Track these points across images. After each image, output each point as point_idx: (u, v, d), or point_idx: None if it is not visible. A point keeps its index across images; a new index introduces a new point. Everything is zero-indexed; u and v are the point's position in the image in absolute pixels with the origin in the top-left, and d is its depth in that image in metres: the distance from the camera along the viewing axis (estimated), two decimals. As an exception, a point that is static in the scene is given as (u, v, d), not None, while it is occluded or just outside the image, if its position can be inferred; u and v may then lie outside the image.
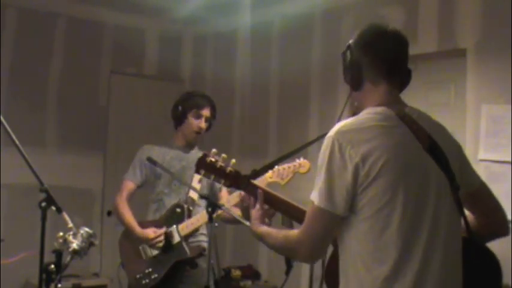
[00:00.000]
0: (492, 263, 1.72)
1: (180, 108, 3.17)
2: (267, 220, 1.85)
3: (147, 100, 5.19)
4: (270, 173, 2.61)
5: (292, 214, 1.87)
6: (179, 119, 3.19)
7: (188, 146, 3.21)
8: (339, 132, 1.55)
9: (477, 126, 3.28)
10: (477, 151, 3.23)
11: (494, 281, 1.71)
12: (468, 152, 3.09)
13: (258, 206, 1.86)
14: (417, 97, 3.30)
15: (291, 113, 4.55)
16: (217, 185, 1.96)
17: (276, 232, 1.74)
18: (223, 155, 1.94)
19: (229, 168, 1.91)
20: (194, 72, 5.51)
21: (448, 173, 1.56)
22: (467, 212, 1.68)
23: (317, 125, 4.24)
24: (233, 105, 5.09)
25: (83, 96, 4.90)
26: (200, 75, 5.42)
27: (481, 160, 3.21)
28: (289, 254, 1.76)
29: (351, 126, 1.56)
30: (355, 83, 1.68)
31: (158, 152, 3.15)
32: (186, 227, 2.99)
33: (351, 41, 1.70)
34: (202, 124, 3.15)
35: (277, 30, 4.71)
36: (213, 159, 1.91)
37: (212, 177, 1.92)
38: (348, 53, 1.69)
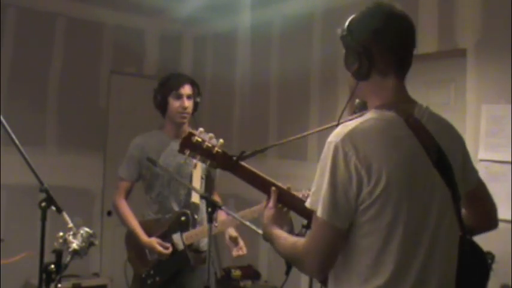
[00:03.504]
0: (482, 262, 1.71)
1: (159, 96, 3.10)
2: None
3: (147, 100, 5.15)
4: None
5: (290, 203, 1.77)
6: (162, 107, 3.11)
7: (178, 132, 3.08)
8: (344, 139, 1.43)
9: (477, 126, 3.28)
10: (477, 151, 3.23)
11: (481, 280, 1.71)
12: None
13: (270, 204, 1.75)
14: (417, 97, 3.27)
15: (291, 113, 4.55)
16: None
17: (285, 238, 1.64)
18: (210, 134, 1.85)
19: (216, 149, 1.79)
20: (194, 72, 5.51)
21: (452, 185, 1.50)
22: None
23: (317, 124, 4.23)
24: (233, 105, 5.09)
25: (82, 96, 4.90)
26: (200, 75, 5.41)
27: (481, 160, 3.21)
28: (296, 265, 1.61)
29: (357, 132, 1.44)
30: (363, 73, 1.52)
31: (152, 148, 3.08)
32: (190, 236, 2.97)
33: (353, 22, 1.55)
34: (185, 103, 3.05)
35: (277, 30, 4.71)
36: (199, 139, 1.79)
37: (198, 157, 1.80)
38: (352, 37, 1.53)
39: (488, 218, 1.74)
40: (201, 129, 1.86)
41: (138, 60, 5.27)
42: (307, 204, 1.50)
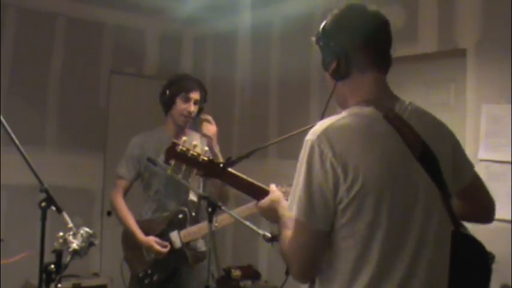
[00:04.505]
0: (482, 259, 1.68)
1: (167, 92, 3.08)
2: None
3: (147, 100, 5.18)
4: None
5: None
6: (167, 104, 3.10)
7: (179, 132, 3.10)
8: (320, 137, 1.40)
9: (477, 126, 3.28)
10: (477, 151, 3.23)
11: (483, 277, 1.68)
12: (468, 152, 3.07)
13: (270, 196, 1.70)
14: (417, 97, 3.30)
15: (291, 112, 4.54)
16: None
17: (285, 230, 1.52)
18: (194, 143, 1.84)
19: (202, 157, 1.78)
20: (194, 73, 5.50)
21: (440, 183, 1.44)
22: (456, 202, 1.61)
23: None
24: (233, 105, 5.09)
25: (82, 96, 4.90)
26: (200, 76, 5.40)
27: (481, 160, 3.21)
28: (286, 263, 1.53)
29: (333, 129, 1.41)
30: (342, 72, 1.51)
31: (151, 147, 3.08)
32: (188, 234, 2.96)
33: (327, 25, 1.56)
34: (191, 107, 3.05)
35: (277, 30, 4.71)
36: (183, 148, 1.78)
37: (184, 167, 1.79)
38: (328, 38, 1.53)
39: (485, 213, 1.71)
40: (184, 138, 1.85)
41: (138, 60, 5.27)
42: (287, 205, 1.48)
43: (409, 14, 3.66)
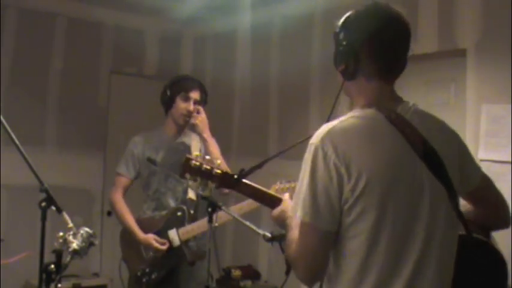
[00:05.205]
0: (496, 263, 1.67)
1: (168, 92, 3.12)
2: None
3: (147, 100, 5.17)
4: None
5: None
6: (168, 104, 3.13)
7: (178, 132, 3.15)
8: (323, 139, 1.42)
9: (477, 126, 3.28)
10: (477, 151, 3.23)
11: (500, 280, 1.67)
12: (468, 152, 3.09)
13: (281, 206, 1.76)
14: (417, 97, 3.29)
15: (291, 113, 4.54)
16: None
17: (290, 234, 1.52)
18: (207, 157, 1.91)
19: (215, 170, 1.86)
20: (194, 73, 5.49)
21: (445, 181, 1.44)
22: (467, 206, 1.62)
23: (317, 125, 4.19)
24: (233, 105, 5.09)
25: (82, 96, 4.90)
26: (200, 76, 5.39)
27: (481, 160, 3.20)
28: (293, 268, 1.52)
29: (336, 131, 1.43)
30: (349, 73, 1.52)
31: (151, 146, 3.10)
32: (186, 232, 2.97)
33: (348, 21, 1.55)
34: (191, 107, 3.08)
35: (277, 30, 4.71)
36: (197, 163, 1.86)
37: (199, 179, 1.88)
38: (344, 36, 1.53)
39: (498, 216, 1.68)
40: (196, 153, 1.94)
41: (138, 60, 5.27)
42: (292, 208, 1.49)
43: (409, 14, 3.63)
